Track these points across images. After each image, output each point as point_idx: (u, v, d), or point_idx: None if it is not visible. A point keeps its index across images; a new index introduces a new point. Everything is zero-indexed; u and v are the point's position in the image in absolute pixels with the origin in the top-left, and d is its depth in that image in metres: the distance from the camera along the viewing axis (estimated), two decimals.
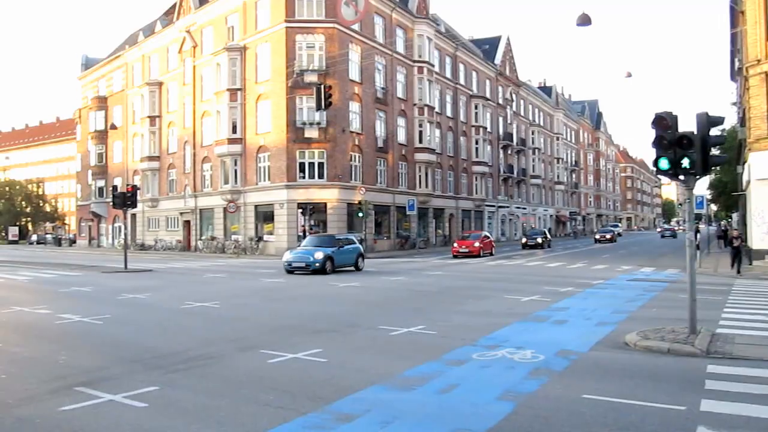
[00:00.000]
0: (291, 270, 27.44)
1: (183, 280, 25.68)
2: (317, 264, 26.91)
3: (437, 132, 59.27)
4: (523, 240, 56.02)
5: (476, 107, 67.90)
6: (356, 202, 44.44)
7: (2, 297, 19.23)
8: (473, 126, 67.35)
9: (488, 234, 47.40)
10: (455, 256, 40.78)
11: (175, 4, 60.18)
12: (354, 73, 48.03)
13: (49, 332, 12.83)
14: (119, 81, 68.67)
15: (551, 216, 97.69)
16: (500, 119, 76.81)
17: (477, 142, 67.83)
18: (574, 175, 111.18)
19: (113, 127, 64.52)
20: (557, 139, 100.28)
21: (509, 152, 79.67)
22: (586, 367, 9.28)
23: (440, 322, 13.49)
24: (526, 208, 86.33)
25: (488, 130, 70.56)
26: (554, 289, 20.39)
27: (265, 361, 9.64)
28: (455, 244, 43.06)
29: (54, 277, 28.08)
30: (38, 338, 12.15)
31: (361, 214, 43.77)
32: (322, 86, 31.45)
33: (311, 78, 44.10)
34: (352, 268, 29.68)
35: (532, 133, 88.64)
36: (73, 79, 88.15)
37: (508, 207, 78.91)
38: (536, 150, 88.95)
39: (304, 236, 41.84)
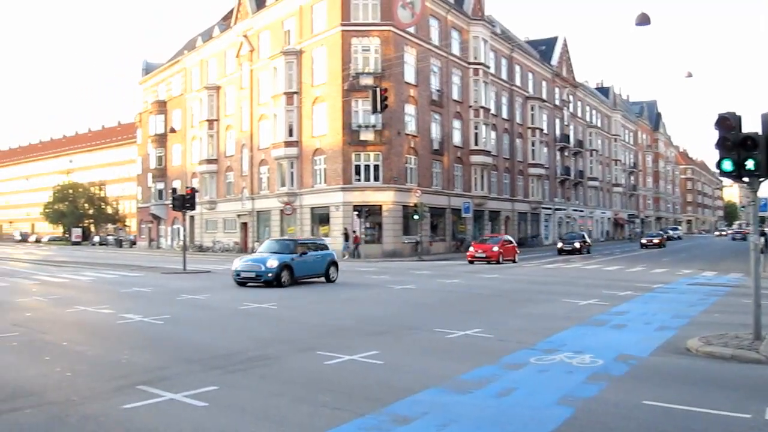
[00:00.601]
0: (241, 282, 22.69)
1: None
2: (270, 274, 21.93)
3: (493, 134, 58.93)
4: (559, 245, 50.17)
5: (532, 109, 67.35)
6: (411, 204, 44.43)
7: (67, 297, 19.72)
8: (529, 128, 66.83)
9: (511, 239, 41.76)
10: (470, 262, 37.09)
11: (232, 10, 60.96)
12: (409, 76, 48.05)
13: (112, 332, 13.09)
14: (178, 85, 69.87)
15: (609, 219, 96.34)
16: (557, 121, 75.99)
17: (533, 144, 67.29)
18: (632, 177, 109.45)
19: (172, 130, 65.65)
20: (615, 140, 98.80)
21: (566, 154, 78.75)
22: (647, 373, 9.10)
23: (497, 326, 13.41)
24: (584, 210, 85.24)
25: (545, 131, 69.94)
26: (613, 293, 20.09)
27: (321, 362, 9.67)
28: (471, 248, 38.58)
29: (115, 277, 28.63)
30: (101, 337, 12.40)
31: (416, 217, 43.74)
32: (378, 89, 31.52)
33: (367, 81, 44.27)
34: (322, 279, 24.46)
35: (590, 135, 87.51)
36: (134, 85, 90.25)
37: (565, 209, 78.05)
38: (594, 152, 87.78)
39: (346, 238, 42.24)
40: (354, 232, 44.52)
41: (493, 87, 58.93)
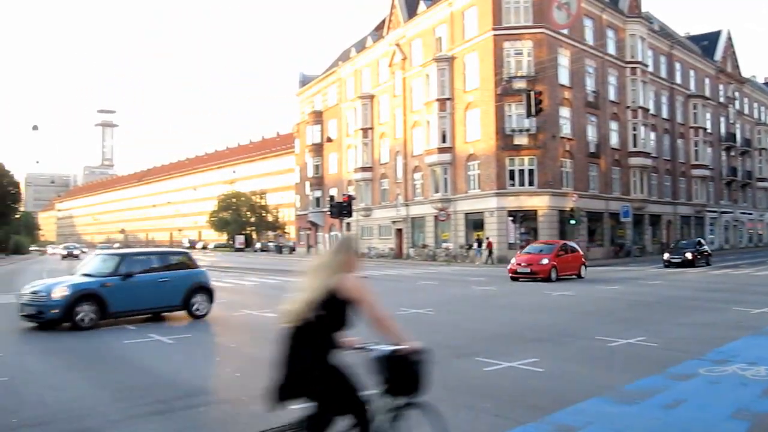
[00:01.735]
0: (26, 315, 14.81)
1: (397, 287, 26.26)
2: (55, 311, 14.24)
3: (652, 135, 56.76)
4: (665, 256, 40.11)
5: (695, 107, 64.30)
6: (568, 209, 43.51)
7: (233, 301, 20.64)
8: (692, 127, 63.81)
9: (574, 245, 32.36)
10: (513, 279, 28.85)
11: (384, 20, 62.02)
12: (563, 78, 47.17)
13: (276, 334, 13.51)
14: (333, 95, 71.73)
15: None
16: (721, 119, 72.11)
17: (696, 144, 64.21)
18: None
19: (329, 139, 67.48)
20: None
21: (732, 154, 74.57)
22: None
23: (661, 334, 12.87)
24: (753, 213, 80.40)
25: (708, 131, 66.56)
26: None
27: (480, 368, 9.63)
28: (513, 260, 30.19)
29: (277, 282, 29.70)
30: (267, 340, 12.81)
31: (573, 222, 42.81)
32: (532, 92, 31.05)
33: (520, 84, 43.80)
34: (182, 312, 16.59)
35: (758, 133, 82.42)
36: (291, 96, 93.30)
37: (731, 213, 73.90)
38: (763, 150, 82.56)
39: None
40: (487, 238, 44.59)
41: (652, 86, 56.78)
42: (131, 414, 7.43)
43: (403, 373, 4.62)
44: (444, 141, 49.17)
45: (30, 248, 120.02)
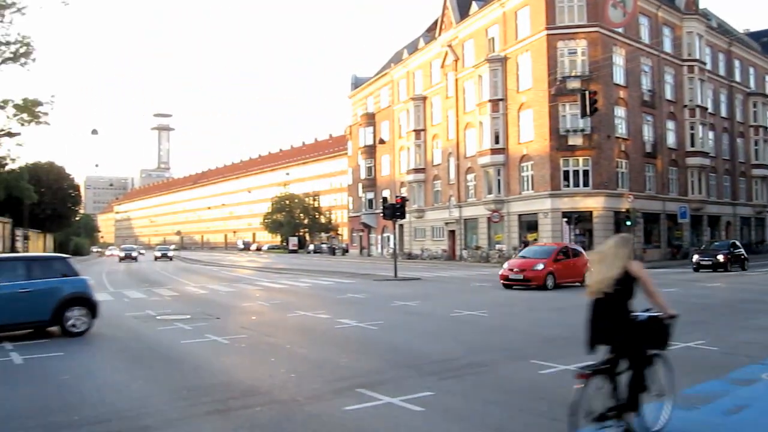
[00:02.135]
0: None
1: (450, 289, 26.25)
2: None
3: (711, 134, 55.59)
4: (694, 257, 36.34)
5: (755, 105, 62.76)
6: (623, 210, 42.87)
7: (287, 302, 20.86)
8: (752, 126, 62.29)
9: (578, 248, 28.98)
10: (506, 286, 25.48)
11: (437, 21, 61.98)
12: (618, 77, 46.55)
13: (330, 335, 13.67)
14: (386, 97, 71.92)
15: None
16: None
17: (756, 144, 62.65)
18: None
19: (381, 141, 67.68)
20: None
21: None
22: None
23: (722, 338, 12.59)
24: None
25: None
26: None
27: (536, 371, 9.55)
28: (505, 265, 27.10)
29: (330, 284, 29.92)
30: (321, 341, 12.97)
31: (628, 223, 42.13)
32: (586, 92, 30.66)
33: (574, 84, 43.35)
34: (53, 328, 14.26)
35: None
36: (343, 99, 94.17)
37: None
38: None
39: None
40: (534, 240, 44.35)
41: (710, 84, 55.63)
42: (189, 413, 7.57)
43: (660, 331, 6.38)
44: (497, 142, 48.90)
45: (91, 250, 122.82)
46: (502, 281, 25.69)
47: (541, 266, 24.94)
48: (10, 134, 48.08)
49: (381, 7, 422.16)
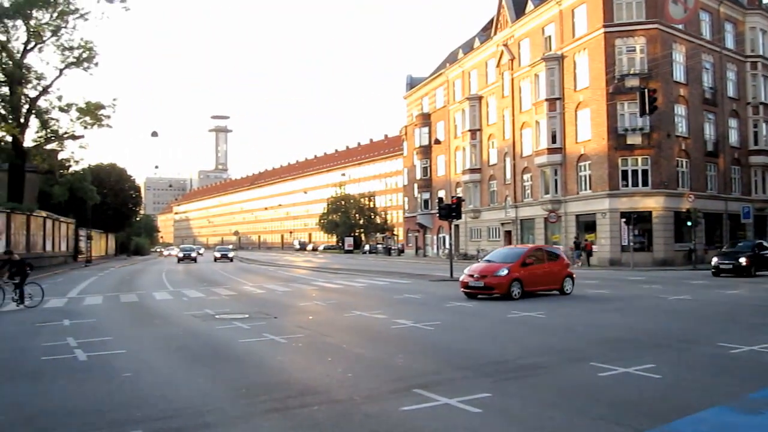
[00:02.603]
0: None
1: None
2: None
3: None
4: (714, 260, 33.10)
5: None
6: (684, 210, 42.08)
7: (343, 302, 20.97)
8: None
9: (556, 251, 26.22)
10: (468, 295, 21.67)
11: (492, 20, 61.70)
12: (678, 74, 45.72)
13: (386, 335, 13.69)
14: (441, 98, 71.82)
15: None
16: None
17: None
18: None
19: (437, 141, 67.56)
20: None
21: None
22: None
23: None
24: None
25: None
26: None
27: (595, 373, 9.39)
28: (466, 271, 22.63)
29: (386, 284, 29.97)
30: (377, 341, 13.00)
31: (689, 223, 41.35)
32: (646, 90, 30.19)
33: (632, 82, 42.70)
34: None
35: None
36: (398, 99, 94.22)
37: None
38: None
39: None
40: (586, 240, 44.47)
41: None
42: (248, 411, 7.65)
43: None
44: (554, 141, 48.47)
45: (151, 250, 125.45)
46: (462, 289, 21.93)
47: (504, 271, 21.06)
48: (73, 137, 49.60)
49: (437, 6, 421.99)
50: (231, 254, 72.18)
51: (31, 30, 46.28)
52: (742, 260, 31.28)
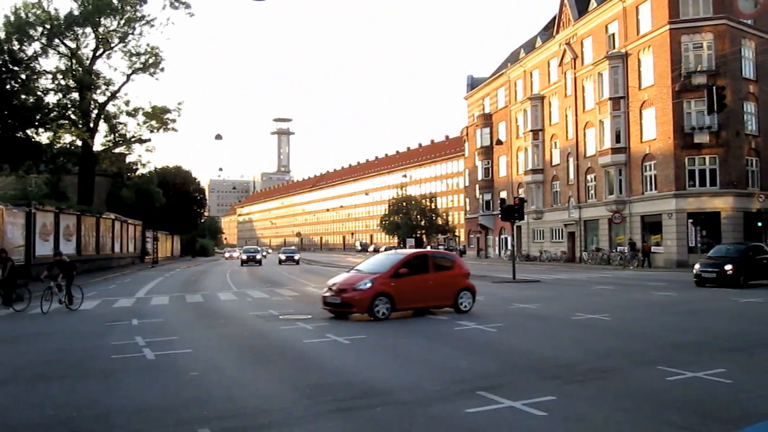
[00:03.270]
0: None
1: (570, 292, 25.75)
2: None
3: None
4: (696, 266, 28.02)
5: None
6: (754, 210, 41.03)
7: None
8: None
9: (450, 256, 21.10)
10: (331, 312, 17.39)
11: (554, 19, 61.07)
12: (748, 71, 44.60)
13: (449, 337, 13.67)
14: (502, 98, 71.37)
15: None
16: None
17: None
18: None
19: (498, 142, 67.12)
20: None
21: None
22: None
23: None
24: None
25: None
26: None
27: (663, 378, 9.24)
28: (329, 282, 18.48)
29: None
30: (440, 342, 13.00)
31: (760, 224, 40.29)
32: (713, 87, 29.49)
33: (700, 80, 41.75)
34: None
35: None
36: (459, 100, 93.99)
37: None
38: None
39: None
40: (644, 242, 43.99)
41: None
42: (312, 411, 7.73)
43: None
44: (618, 141, 47.73)
45: (215, 251, 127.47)
46: (323, 307, 17.67)
47: (367, 284, 16.66)
48: (140, 140, 50.84)
49: (498, 6, 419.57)
50: (297, 256, 68.25)
51: (100, 37, 47.64)
52: (728, 268, 26.27)
